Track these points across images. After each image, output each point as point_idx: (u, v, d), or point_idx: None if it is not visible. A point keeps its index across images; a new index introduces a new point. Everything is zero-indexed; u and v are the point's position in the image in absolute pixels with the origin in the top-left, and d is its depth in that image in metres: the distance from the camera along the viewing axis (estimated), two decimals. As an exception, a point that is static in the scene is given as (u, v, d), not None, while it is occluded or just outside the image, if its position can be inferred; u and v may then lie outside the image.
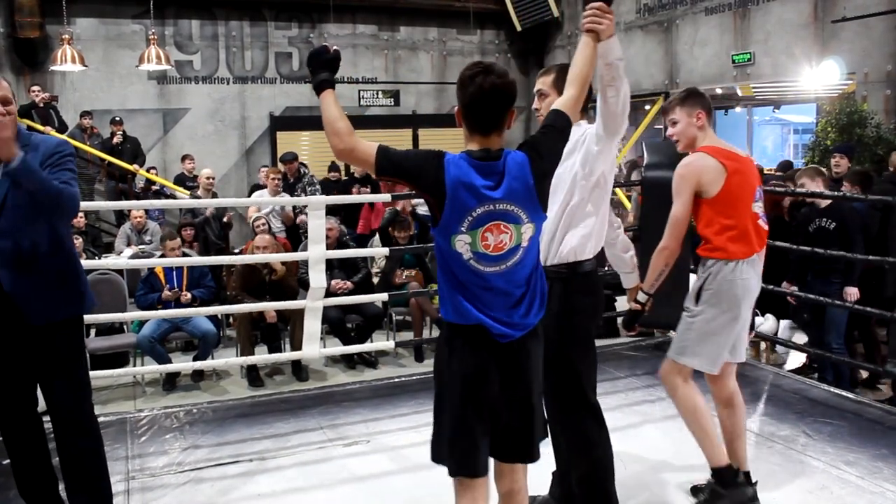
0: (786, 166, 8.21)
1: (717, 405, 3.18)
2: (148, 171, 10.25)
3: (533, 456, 2.29)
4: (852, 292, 4.93)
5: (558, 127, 2.27)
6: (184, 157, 9.96)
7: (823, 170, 5.56)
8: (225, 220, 8.29)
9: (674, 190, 2.96)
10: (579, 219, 2.70)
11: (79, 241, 6.14)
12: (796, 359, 5.78)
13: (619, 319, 6.59)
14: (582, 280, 2.73)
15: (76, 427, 2.81)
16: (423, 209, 7.00)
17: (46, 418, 2.87)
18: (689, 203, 2.94)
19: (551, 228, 2.71)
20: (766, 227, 3.03)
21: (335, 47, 2.31)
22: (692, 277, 3.40)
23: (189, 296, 6.06)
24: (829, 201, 5.05)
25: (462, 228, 2.10)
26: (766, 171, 8.38)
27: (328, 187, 9.14)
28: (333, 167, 9.90)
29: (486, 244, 2.10)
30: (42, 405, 2.84)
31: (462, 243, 2.11)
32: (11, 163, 2.48)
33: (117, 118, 10.16)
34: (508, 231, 2.11)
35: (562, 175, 2.65)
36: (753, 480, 3.08)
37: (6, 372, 2.77)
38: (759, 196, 3.01)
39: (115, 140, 9.92)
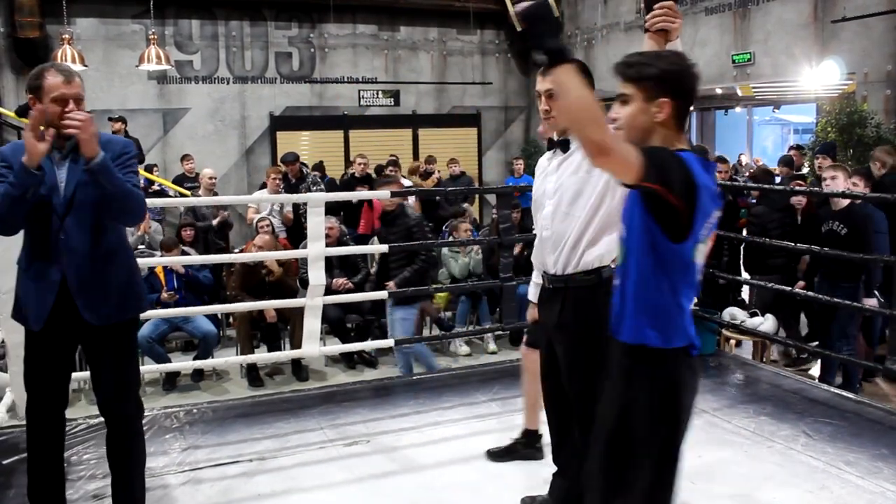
0: (788, 161, 8.12)
1: (527, 376, 3.36)
2: (150, 168, 10.25)
3: None
4: (870, 304, 4.83)
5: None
6: (183, 158, 9.96)
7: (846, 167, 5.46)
8: (218, 219, 8.25)
9: None
10: (614, 223, 2.55)
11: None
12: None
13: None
14: (609, 286, 2.66)
15: (122, 422, 2.82)
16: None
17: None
18: None
19: (576, 234, 2.63)
20: None
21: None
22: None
23: (175, 296, 6.09)
24: (844, 204, 5.00)
25: (701, 236, 1.89)
26: (774, 172, 8.37)
27: (344, 185, 9.16)
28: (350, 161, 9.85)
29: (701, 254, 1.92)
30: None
31: (699, 254, 1.90)
32: (95, 159, 2.51)
33: (120, 116, 10.16)
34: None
35: (589, 178, 2.61)
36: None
37: (53, 369, 2.77)
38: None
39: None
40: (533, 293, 2.99)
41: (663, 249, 1.85)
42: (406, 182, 8.73)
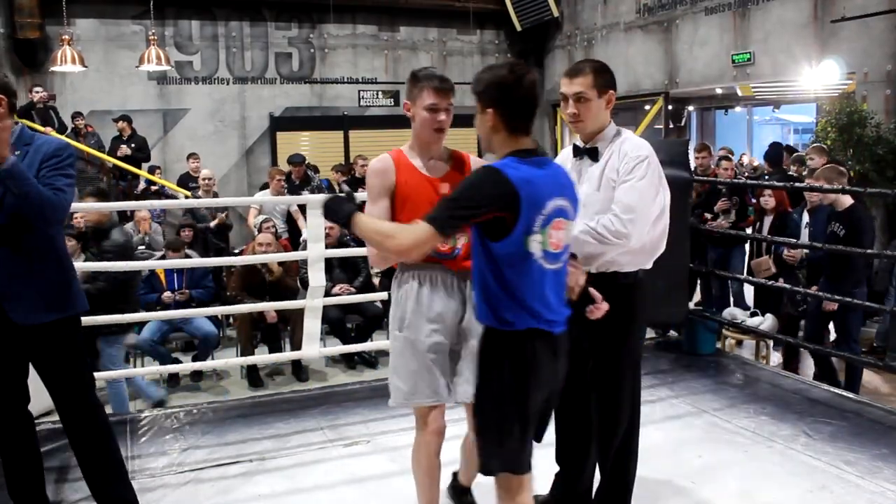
0: (774, 158, 7.94)
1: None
2: (153, 170, 10.26)
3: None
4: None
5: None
6: (189, 156, 9.94)
7: (843, 168, 5.46)
8: (217, 220, 8.24)
9: None
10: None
11: (72, 244, 5.83)
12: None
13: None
14: (644, 285, 2.71)
15: (77, 423, 2.82)
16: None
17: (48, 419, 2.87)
18: None
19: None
20: None
21: (346, 188, 2.35)
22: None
23: (187, 293, 6.07)
24: (846, 205, 5.00)
25: (535, 228, 2.09)
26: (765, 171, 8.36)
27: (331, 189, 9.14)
28: (338, 167, 9.88)
29: (553, 242, 2.13)
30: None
31: (535, 243, 2.09)
32: (3, 164, 2.50)
33: (123, 115, 10.17)
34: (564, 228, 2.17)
35: (607, 195, 2.59)
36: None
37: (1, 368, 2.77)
38: None
39: (124, 139, 9.98)
40: None
41: (490, 247, 2.10)
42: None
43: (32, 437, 2.90)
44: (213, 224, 8.09)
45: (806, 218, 5.53)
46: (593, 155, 2.66)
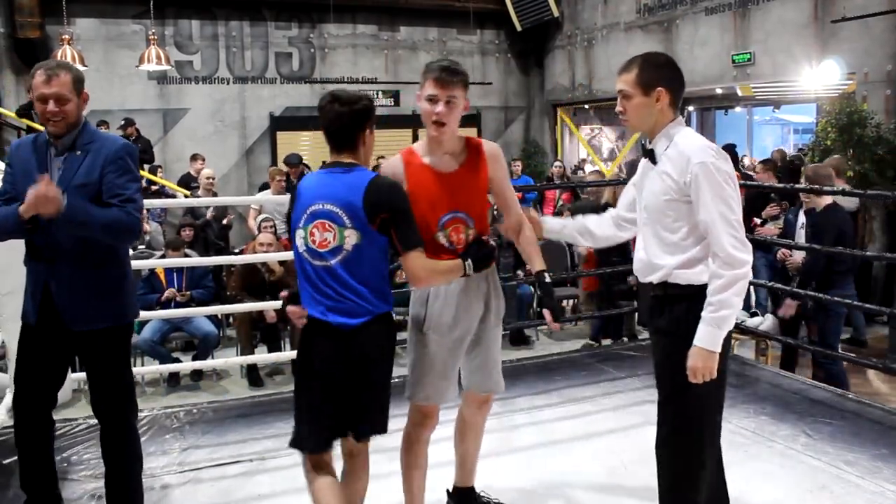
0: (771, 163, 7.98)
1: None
2: (155, 170, 10.26)
3: (370, 427, 2.51)
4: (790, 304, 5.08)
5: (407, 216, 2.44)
6: (194, 157, 9.91)
7: (830, 170, 5.44)
8: (225, 221, 8.27)
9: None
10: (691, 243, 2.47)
11: None
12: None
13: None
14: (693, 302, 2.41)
15: (113, 432, 2.82)
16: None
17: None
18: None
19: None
20: None
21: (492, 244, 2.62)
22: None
23: (188, 294, 6.06)
24: (823, 206, 5.01)
25: (299, 224, 2.44)
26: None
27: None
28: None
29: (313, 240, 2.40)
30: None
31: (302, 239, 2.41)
32: (60, 210, 2.49)
33: (127, 118, 10.17)
34: (332, 230, 2.38)
35: (669, 203, 2.40)
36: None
37: (41, 367, 2.77)
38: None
39: (131, 142, 9.97)
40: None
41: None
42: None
43: (49, 438, 2.91)
44: (224, 221, 8.07)
45: (802, 219, 5.51)
46: (652, 157, 2.48)
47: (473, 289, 2.65)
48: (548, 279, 2.73)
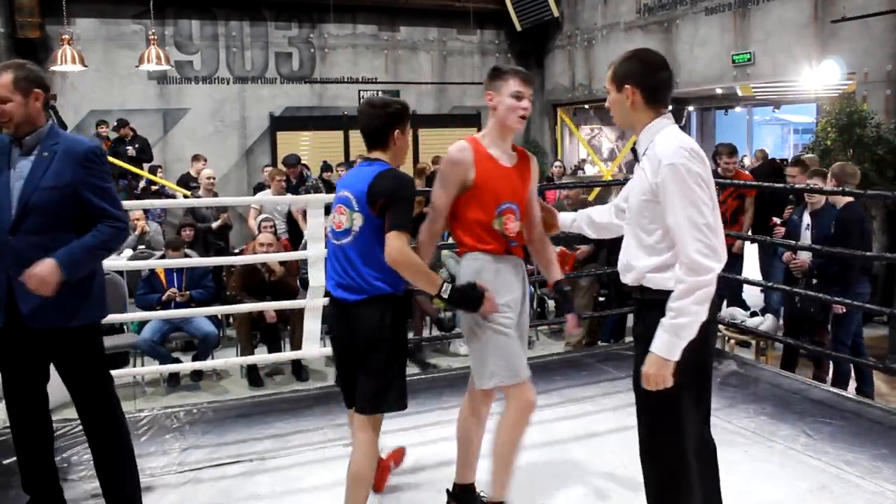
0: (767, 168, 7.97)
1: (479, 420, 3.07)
2: (155, 170, 10.26)
3: (362, 406, 2.70)
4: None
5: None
6: (196, 157, 9.90)
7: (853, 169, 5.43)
8: (220, 222, 8.23)
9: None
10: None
11: None
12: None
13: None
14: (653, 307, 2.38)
15: (95, 426, 2.83)
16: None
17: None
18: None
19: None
20: None
21: (486, 291, 2.69)
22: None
23: (187, 294, 6.06)
24: (844, 203, 5.00)
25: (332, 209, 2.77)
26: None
27: (326, 188, 9.14)
28: (326, 167, 9.87)
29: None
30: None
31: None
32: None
33: (120, 119, 10.17)
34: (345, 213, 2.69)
35: (647, 204, 2.35)
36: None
37: (15, 371, 2.78)
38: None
39: (127, 141, 10.01)
40: None
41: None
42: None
43: (48, 437, 2.92)
44: (215, 225, 8.08)
45: (807, 220, 5.49)
46: (636, 155, 2.47)
47: (518, 274, 2.87)
48: (566, 288, 3.00)
